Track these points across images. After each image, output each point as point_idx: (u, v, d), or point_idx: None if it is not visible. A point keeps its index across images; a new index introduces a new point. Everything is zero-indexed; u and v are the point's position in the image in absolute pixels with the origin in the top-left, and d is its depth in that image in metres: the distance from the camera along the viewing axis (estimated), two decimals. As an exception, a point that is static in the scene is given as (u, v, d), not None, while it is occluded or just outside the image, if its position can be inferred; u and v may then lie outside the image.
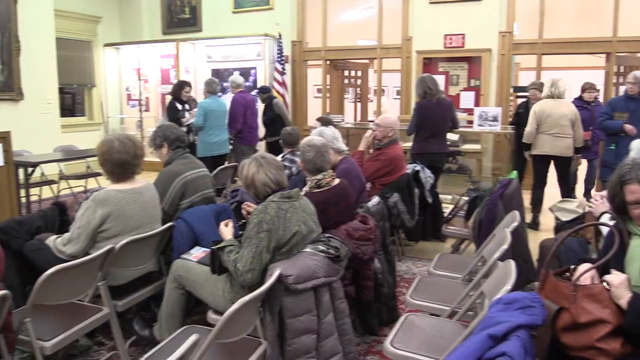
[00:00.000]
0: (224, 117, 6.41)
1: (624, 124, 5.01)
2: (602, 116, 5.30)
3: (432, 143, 5.00)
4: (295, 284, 2.14)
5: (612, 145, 5.19)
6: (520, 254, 3.12)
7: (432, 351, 2.11)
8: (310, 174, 2.96)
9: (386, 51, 8.21)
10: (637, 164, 1.83)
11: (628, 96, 5.16)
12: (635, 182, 1.80)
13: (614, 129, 5.11)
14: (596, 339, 1.76)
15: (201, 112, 6.18)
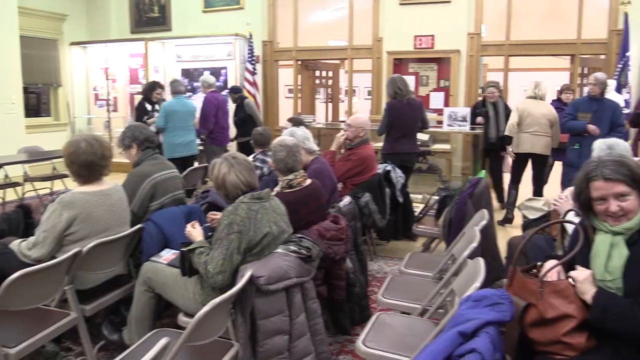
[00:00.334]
0: (189, 118, 6.26)
1: (587, 124, 5.13)
2: (566, 117, 5.41)
3: (403, 143, 5.05)
4: (267, 284, 2.13)
5: (576, 145, 5.29)
6: (489, 252, 3.17)
7: (403, 349, 2.12)
8: (281, 174, 2.96)
9: (357, 52, 8.25)
10: (602, 162, 1.87)
11: (590, 97, 5.27)
12: (601, 179, 1.84)
13: (578, 129, 5.22)
14: (562, 334, 1.80)
15: (162, 114, 6.09)
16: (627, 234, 1.83)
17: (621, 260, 1.81)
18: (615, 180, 1.81)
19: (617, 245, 1.83)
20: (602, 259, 1.85)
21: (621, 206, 1.81)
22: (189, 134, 6.27)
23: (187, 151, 6.22)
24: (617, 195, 1.82)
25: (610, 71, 6.77)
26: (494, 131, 6.14)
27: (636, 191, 1.81)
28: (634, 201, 1.81)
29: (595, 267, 1.87)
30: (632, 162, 1.86)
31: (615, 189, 1.82)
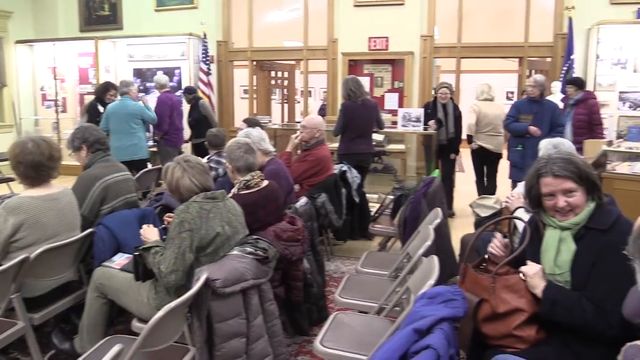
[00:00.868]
0: (131, 120, 5.94)
1: (529, 126, 5.30)
2: (508, 118, 5.55)
3: (358, 143, 5.09)
4: (223, 287, 2.11)
5: (519, 146, 5.42)
6: (444, 249, 3.23)
7: (361, 348, 2.14)
8: (239, 174, 2.93)
9: (312, 52, 8.27)
10: (552, 159, 1.94)
11: (530, 99, 5.42)
12: (550, 176, 1.91)
13: (520, 131, 5.37)
14: (513, 327, 1.87)
15: (105, 116, 5.92)
16: (574, 229, 1.89)
17: (569, 255, 1.87)
18: (563, 177, 1.88)
19: (565, 240, 1.90)
20: (552, 253, 1.92)
21: (568, 202, 1.88)
22: (132, 137, 5.94)
23: (130, 155, 5.84)
24: (564, 191, 1.89)
25: (556, 73, 7.03)
26: (443, 133, 6.14)
27: (582, 187, 1.89)
28: (580, 197, 1.88)
29: (545, 261, 1.94)
30: (579, 160, 1.94)
31: (563, 185, 1.89)
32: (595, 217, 1.87)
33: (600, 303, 1.76)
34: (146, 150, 6.18)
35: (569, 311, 1.80)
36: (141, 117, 6.03)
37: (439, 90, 6.23)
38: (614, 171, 4.68)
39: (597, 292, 1.79)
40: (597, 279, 1.80)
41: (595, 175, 1.91)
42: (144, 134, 6.18)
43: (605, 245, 1.81)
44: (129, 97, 5.98)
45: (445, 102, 6.14)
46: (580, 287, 1.84)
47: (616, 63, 6.90)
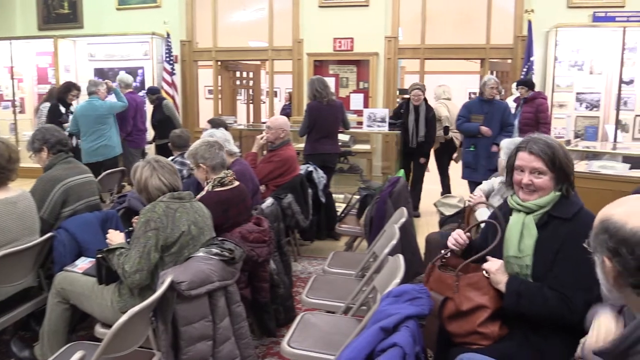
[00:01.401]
0: (101, 120, 5.82)
1: (480, 126, 5.42)
2: (460, 119, 5.63)
3: (324, 144, 5.11)
4: (188, 290, 2.08)
5: (472, 146, 5.53)
6: (409, 248, 3.27)
7: (328, 348, 2.15)
8: (212, 173, 2.90)
9: (277, 53, 8.25)
10: (534, 139, 2.00)
11: (482, 99, 5.55)
12: (526, 151, 1.97)
13: (473, 131, 5.48)
14: (478, 324, 1.90)
15: (73, 117, 5.80)
16: (538, 213, 1.95)
17: (532, 240, 1.93)
18: (537, 156, 1.94)
19: (528, 225, 1.95)
20: (515, 237, 1.97)
21: (533, 181, 1.94)
22: (102, 137, 5.86)
23: (103, 156, 5.84)
24: (533, 169, 1.95)
25: (517, 74, 7.19)
26: (414, 137, 5.99)
27: (552, 174, 1.93)
28: (546, 181, 1.93)
29: (509, 245, 1.99)
30: (561, 150, 1.97)
31: (534, 163, 1.95)
32: (559, 206, 1.93)
33: (563, 290, 1.82)
34: (119, 147, 6.09)
35: (533, 301, 1.84)
36: (111, 115, 5.94)
37: (411, 91, 6.07)
38: (572, 170, 4.81)
39: (560, 279, 1.84)
40: (560, 267, 1.85)
41: (570, 169, 1.95)
42: (115, 131, 6.06)
43: (568, 233, 1.87)
44: (97, 97, 5.87)
45: (418, 104, 5.99)
46: (541, 272, 1.89)
47: (573, 65, 7.11)
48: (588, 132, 7.09)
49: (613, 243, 1.14)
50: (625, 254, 1.11)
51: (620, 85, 6.83)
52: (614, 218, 1.16)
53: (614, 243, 1.14)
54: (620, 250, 1.13)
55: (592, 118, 7.13)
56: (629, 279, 1.13)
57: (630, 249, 1.11)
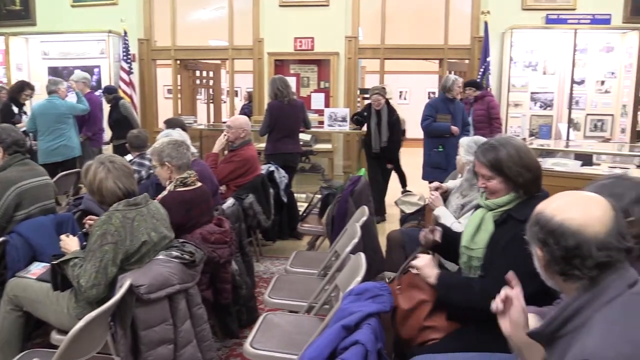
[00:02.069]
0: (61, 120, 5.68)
1: (452, 126, 5.44)
2: (427, 119, 5.49)
3: (286, 143, 5.10)
4: (148, 293, 2.05)
5: (440, 147, 5.42)
6: (371, 246, 3.30)
7: (291, 347, 2.15)
8: (177, 172, 2.85)
9: (238, 52, 8.18)
10: (481, 146, 2.13)
11: (446, 98, 5.53)
12: (476, 159, 2.12)
13: (444, 131, 5.41)
14: (423, 318, 1.98)
15: (31, 116, 5.63)
16: (497, 211, 2.06)
17: (487, 234, 2.04)
18: (481, 163, 2.08)
19: (486, 220, 2.07)
20: (471, 229, 2.10)
21: (486, 184, 2.08)
22: (61, 137, 5.71)
23: (62, 156, 5.68)
24: (483, 175, 2.08)
25: (474, 74, 7.34)
26: (377, 141, 5.78)
27: (501, 177, 2.03)
28: (497, 184, 2.04)
29: (465, 236, 2.13)
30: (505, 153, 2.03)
31: (481, 170, 2.08)
32: (520, 207, 2.01)
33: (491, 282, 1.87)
34: (78, 148, 5.92)
35: (462, 292, 1.95)
36: (72, 115, 5.78)
37: (371, 96, 5.86)
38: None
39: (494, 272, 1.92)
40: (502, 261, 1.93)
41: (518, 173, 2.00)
42: (75, 133, 5.90)
43: (516, 234, 1.91)
44: (57, 96, 5.70)
45: (379, 109, 5.79)
46: (487, 267, 2.00)
47: (528, 65, 7.31)
48: (542, 130, 7.31)
49: (542, 234, 1.25)
50: (552, 244, 1.23)
51: (572, 85, 7.06)
52: (545, 212, 1.27)
53: (543, 234, 1.25)
54: (548, 240, 1.24)
55: (546, 117, 7.35)
56: (555, 266, 1.24)
57: (556, 239, 1.22)
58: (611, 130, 7.27)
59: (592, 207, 1.23)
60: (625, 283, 1.19)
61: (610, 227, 1.20)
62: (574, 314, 1.20)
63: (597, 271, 1.19)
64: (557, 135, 7.20)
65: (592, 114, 7.29)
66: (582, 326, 1.17)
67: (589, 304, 1.19)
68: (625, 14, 7.10)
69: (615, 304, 1.16)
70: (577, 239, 1.19)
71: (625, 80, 7.05)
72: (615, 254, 1.19)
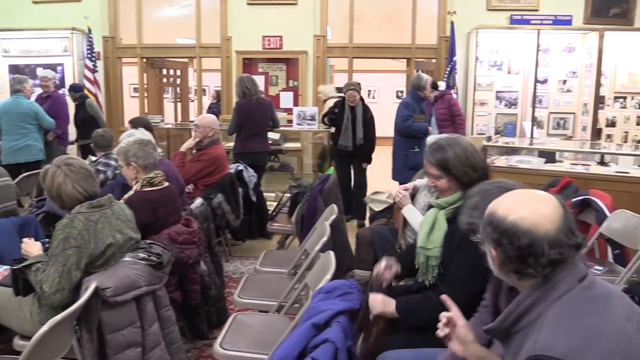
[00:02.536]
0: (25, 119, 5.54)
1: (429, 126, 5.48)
2: (408, 119, 5.36)
3: (254, 142, 5.07)
4: (114, 296, 2.01)
5: (416, 147, 5.37)
6: (341, 244, 3.32)
7: (261, 347, 2.14)
8: (143, 172, 2.80)
9: (206, 50, 8.10)
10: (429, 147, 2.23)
11: (420, 97, 5.53)
12: (425, 159, 2.21)
13: (422, 132, 5.36)
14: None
15: None
16: (448, 209, 2.15)
17: (441, 233, 2.13)
18: (429, 163, 2.18)
19: (439, 219, 2.16)
20: (427, 228, 2.18)
21: (435, 183, 2.18)
22: (25, 137, 5.55)
23: (24, 157, 5.52)
24: (432, 174, 2.18)
25: (441, 74, 7.44)
26: (349, 139, 5.53)
27: (449, 177, 2.13)
28: (445, 183, 2.15)
29: (420, 236, 2.20)
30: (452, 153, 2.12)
31: (430, 169, 2.19)
32: None
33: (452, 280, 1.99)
34: (42, 151, 5.74)
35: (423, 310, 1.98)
36: (36, 119, 5.60)
37: (346, 92, 5.63)
38: (493, 165, 5.06)
39: (450, 272, 2.03)
40: (455, 259, 2.02)
41: (464, 173, 2.10)
42: (40, 134, 5.72)
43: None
44: (23, 94, 5.54)
45: (354, 105, 5.57)
46: (447, 263, 2.07)
47: (493, 65, 7.44)
48: (507, 128, 7.45)
49: (496, 234, 1.26)
50: (505, 244, 1.24)
51: (535, 84, 7.23)
52: (498, 212, 1.28)
53: (496, 234, 1.26)
54: (501, 240, 1.24)
55: (510, 115, 7.50)
56: (510, 265, 1.26)
57: (509, 239, 1.23)
58: (573, 128, 7.47)
59: (542, 205, 1.25)
60: (575, 278, 1.22)
61: (560, 225, 1.22)
62: (527, 309, 1.22)
63: (549, 268, 1.21)
64: (521, 133, 7.35)
65: (555, 112, 7.47)
66: (535, 321, 1.20)
67: (541, 300, 1.21)
68: (585, 15, 7.31)
69: (565, 299, 1.19)
70: (529, 237, 1.21)
71: (586, 80, 7.25)
72: (566, 250, 1.21)
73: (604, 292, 1.23)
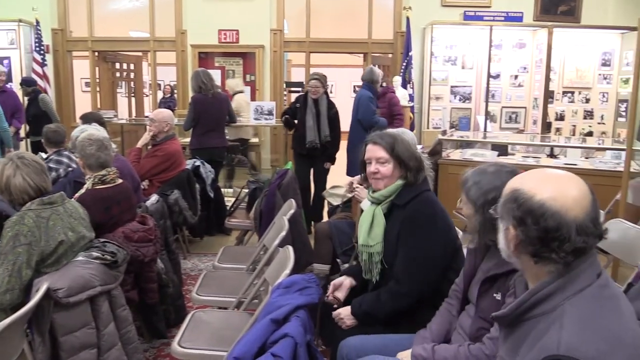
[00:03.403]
0: None
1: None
2: (375, 113, 5.26)
3: (211, 137, 5.00)
4: (67, 297, 1.95)
5: None
6: (299, 239, 3.32)
7: (221, 344, 2.13)
8: (91, 171, 2.72)
9: (160, 44, 7.95)
10: (378, 133, 2.25)
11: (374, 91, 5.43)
12: (370, 143, 2.21)
13: (385, 126, 5.15)
14: None
15: None
16: (384, 204, 2.17)
17: (381, 228, 2.15)
18: (379, 145, 2.17)
19: (377, 215, 2.18)
20: (365, 226, 2.20)
21: (379, 169, 2.16)
22: None
23: None
24: (378, 158, 2.17)
25: (397, 69, 7.54)
26: (313, 133, 4.97)
27: (395, 162, 2.15)
28: (389, 169, 2.15)
29: (360, 235, 2.22)
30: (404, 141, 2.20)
31: (377, 153, 2.17)
32: (400, 194, 2.15)
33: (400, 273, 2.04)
34: None
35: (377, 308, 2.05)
36: None
37: (309, 82, 5.13)
38: (449, 158, 5.17)
39: (398, 266, 2.07)
40: (399, 250, 2.08)
41: (410, 157, 2.16)
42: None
43: (402, 220, 2.10)
44: None
45: (316, 97, 5.01)
46: (391, 258, 2.11)
47: (447, 60, 7.59)
48: (462, 122, 7.63)
49: (520, 212, 1.17)
50: (530, 223, 1.16)
51: (488, 79, 7.42)
52: (523, 189, 1.19)
53: (520, 213, 1.17)
54: (526, 219, 1.16)
55: (465, 109, 7.67)
56: (529, 247, 1.17)
57: (535, 219, 1.15)
58: (524, 122, 7.71)
59: (573, 188, 1.18)
60: (595, 272, 1.16)
61: (589, 211, 1.15)
62: (544, 298, 1.16)
63: (572, 256, 1.14)
64: (475, 126, 7.54)
65: (507, 106, 7.70)
66: (551, 312, 1.14)
67: (561, 290, 1.15)
68: (535, 12, 7.54)
69: (585, 295, 1.13)
70: (557, 220, 1.13)
71: (536, 75, 7.50)
72: (591, 239, 1.15)
73: (617, 292, 1.19)
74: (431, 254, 2.02)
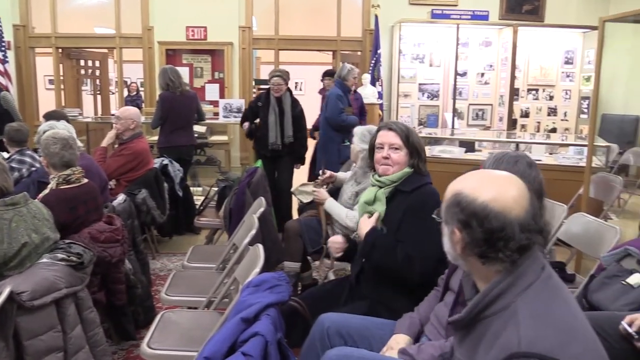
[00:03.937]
0: None
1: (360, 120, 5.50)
2: (342, 112, 5.12)
3: (179, 136, 4.95)
4: (31, 300, 1.91)
5: (346, 141, 4.99)
6: (269, 237, 3.31)
7: (190, 344, 2.11)
8: (55, 170, 2.66)
9: (126, 41, 7.80)
10: (393, 121, 2.33)
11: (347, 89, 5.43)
12: (385, 129, 2.27)
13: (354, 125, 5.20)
14: None
15: None
16: (388, 188, 2.22)
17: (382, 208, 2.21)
18: (394, 131, 2.23)
19: (379, 197, 2.23)
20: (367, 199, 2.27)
21: (390, 155, 2.21)
22: None
23: None
24: (391, 144, 2.22)
25: (366, 66, 7.57)
26: (275, 134, 4.74)
27: (407, 150, 2.22)
28: (401, 156, 2.22)
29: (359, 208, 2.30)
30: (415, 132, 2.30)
31: (392, 139, 2.23)
32: (406, 181, 2.21)
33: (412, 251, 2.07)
34: None
35: (384, 254, 2.09)
36: None
37: (270, 79, 4.81)
38: (417, 155, 5.20)
39: (406, 246, 2.09)
40: (405, 235, 2.11)
41: (421, 148, 2.26)
42: None
43: (408, 206, 2.15)
44: None
45: (279, 96, 4.77)
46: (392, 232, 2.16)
47: (415, 58, 7.67)
48: (430, 119, 7.72)
49: (464, 216, 1.20)
50: (475, 226, 1.18)
51: (455, 77, 7.52)
52: (465, 192, 1.22)
53: (465, 216, 1.20)
54: (470, 222, 1.19)
55: (433, 107, 7.77)
56: (476, 248, 1.20)
57: (479, 221, 1.18)
58: (491, 119, 7.85)
59: (511, 187, 1.21)
60: (539, 266, 1.20)
61: (528, 209, 1.19)
62: (497, 297, 1.18)
63: (518, 254, 1.17)
64: (443, 124, 7.64)
65: (474, 103, 7.83)
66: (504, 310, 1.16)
67: (511, 288, 1.17)
68: (500, 11, 7.68)
69: (534, 290, 1.17)
70: (501, 220, 1.16)
71: (502, 73, 7.64)
72: (534, 235, 1.18)
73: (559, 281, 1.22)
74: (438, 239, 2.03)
